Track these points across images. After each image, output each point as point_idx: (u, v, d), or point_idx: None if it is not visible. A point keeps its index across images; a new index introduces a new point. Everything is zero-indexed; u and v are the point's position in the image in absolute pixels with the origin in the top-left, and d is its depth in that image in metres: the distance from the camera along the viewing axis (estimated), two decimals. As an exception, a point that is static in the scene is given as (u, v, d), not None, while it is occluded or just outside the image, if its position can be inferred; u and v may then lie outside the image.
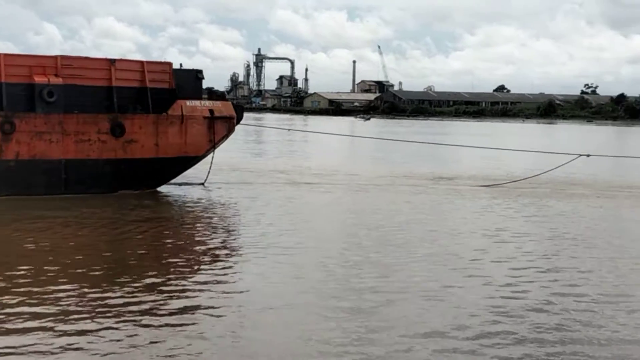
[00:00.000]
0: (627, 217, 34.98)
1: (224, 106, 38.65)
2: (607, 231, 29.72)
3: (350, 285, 19.15)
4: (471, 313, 16.92)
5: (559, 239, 27.09)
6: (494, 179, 47.12)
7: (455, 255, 23.38)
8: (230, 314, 16.52)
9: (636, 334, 16.06)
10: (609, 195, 41.61)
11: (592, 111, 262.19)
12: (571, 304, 18.10)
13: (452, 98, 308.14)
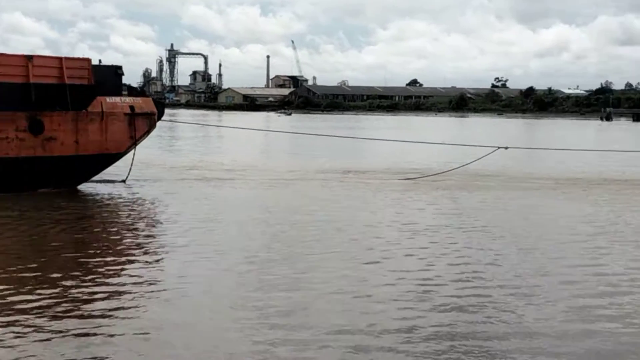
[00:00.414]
0: (537, 209, 36.00)
1: (144, 102, 38.35)
2: (516, 223, 30.38)
3: (265, 281, 19.19)
4: (383, 309, 16.99)
5: (470, 231, 27.58)
6: (410, 172, 47.80)
7: (368, 249, 23.62)
8: (149, 311, 16.48)
9: (542, 325, 16.36)
10: (522, 187, 42.76)
11: (503, 104, 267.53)
12: (481, 296, 18.34)
13: (366, 92, 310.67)
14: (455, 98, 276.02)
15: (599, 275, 21.20)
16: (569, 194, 40.79)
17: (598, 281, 20.65)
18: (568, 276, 21.05)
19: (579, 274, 21.39)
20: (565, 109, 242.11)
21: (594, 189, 42.83)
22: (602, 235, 28.03)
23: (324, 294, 18.17)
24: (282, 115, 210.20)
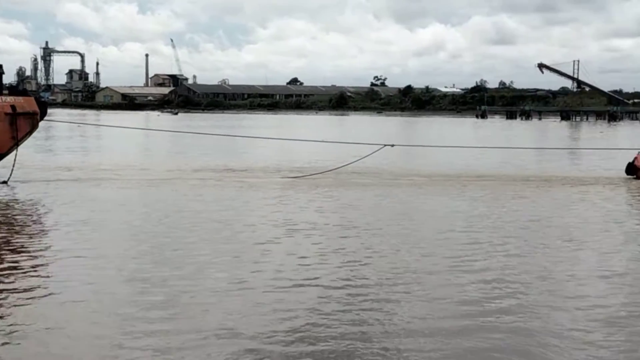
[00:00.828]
0: (416, 205, 36.70)
1: (26, 102, 37.15)
2: (395, 220, 30.77)
3: (146, 283, 18.92)
4: (263, 311, 16.88)
5: (350, 229, 27.80)
6: (293, 171, 47.96)
7: (247, 248, 23.54)
8: (34, 315, 15.93)
9: (413, 324, 16.48)
10: (403, 184, 43.57)
11: (382, 102, 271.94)
12: (360, 295, 18.44)
13: (246, 91, 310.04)
14: (336, 96, 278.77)
15: (477, 272, 21.63)
16: (447, 190, 41.80)
17: (475, 276, 21.07)
18: (445, 273, 21.40)
19: (455, 270, 21.79)
20: (442, 107, 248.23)
21: (470, 185, 44.08)
22: (477, 230, 28.73)
23: (201, 292, 18.00)
24: (162, 115, 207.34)
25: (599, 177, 50.22)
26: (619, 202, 39.79)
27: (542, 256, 24.51)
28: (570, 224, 32.04)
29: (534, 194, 41.58)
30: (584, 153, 70.97)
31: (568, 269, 22.89)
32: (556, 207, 36.42)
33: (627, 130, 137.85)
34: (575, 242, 27.30)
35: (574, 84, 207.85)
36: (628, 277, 21.85)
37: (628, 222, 33.12)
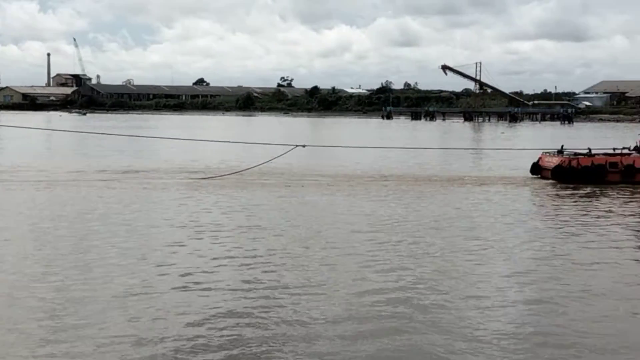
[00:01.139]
0: (321, 205, 36.95)
1: None
2: (300, 219, 31.14)
3: (45, 284, 18.70)
4: (167, 316, 16.72)
5: (255, 230, 27.88)
6: (202, 172, 47.60)
7: (151, 250, 23.43)
8: None
9: (325, 324, 16.69)
10: (309, 185, 43.77)
11: (289, 103, 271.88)
12: (268, 298, 18.52)
13: (152, 91, 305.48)
14: (242, 97, 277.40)
15: (380, 272, 21.97)
16: (353, 190, 42.20)
17: (378, 275, 21.48)
18: (352, 272, 21.67)
19: (360, 269, 22.06)
20: (348, 108, 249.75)
21: (376, 185, 44.62)
22: (381, 230, 29.23)
23: (103, 296, 17.79)
24: (67, 115, 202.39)
25: (504, 176, 51.46)
26: (524, 201, 40.84)
27: (446, 255, 25.01)
28: (475, 222, 32.71)
29: (438, 193, 42.30)
30: (489, 153, 72.50)
31: (472, 267, 23.37)
32: (460, 207, 37.11)
33: (528, 130, 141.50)
34: (480, 240, 27.87)
35: (477, 85, 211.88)
36: (530, 276, 22.45)
37: (532, 220, 34.01)
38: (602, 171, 48.41)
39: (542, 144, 74.45)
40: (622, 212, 36.99)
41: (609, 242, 28.57)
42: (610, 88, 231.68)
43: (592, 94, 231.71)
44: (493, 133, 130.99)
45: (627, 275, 22.94)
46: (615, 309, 19.13)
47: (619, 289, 21.27)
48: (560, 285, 21.33)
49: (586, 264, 24.49)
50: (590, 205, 39.35)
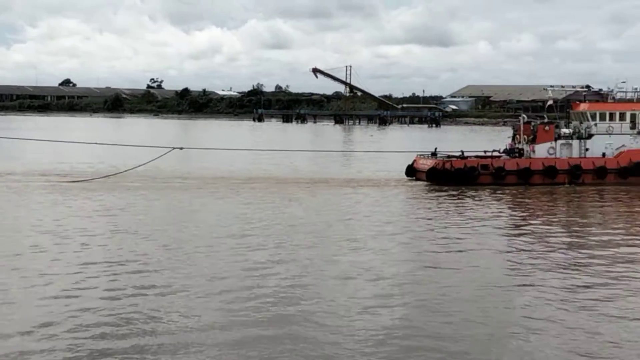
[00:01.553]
0: (191, 207, 36.49)
1: None
2: (168, 222, 31.04)
3: None
4: (26, 327, 16.12)
5: (122, 233, 27.58)
6: (69, 174, 46.20)
7: (11, 257, 22.70)
8: None
9: (193, 325, 16.73)
10: (180, 187, 43.39)
11: (159, 105, 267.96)
12: (135, 296, 18.57)
13: (15, 92, 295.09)
14: (111, 98, 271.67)
15: (247, 270, 22.36)
16: (223, 192, 41.87)
17: (246, 275, 21.69)
18: (219, 272, 21.83)
19: (230, 269, 22.33)
20: (219, 110, 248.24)
21: (246, 187, 44.48)
22: (252, 232, 29.36)
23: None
24: None
25: (379, 179, 52.21)
26: (398, 202, 41.44)
27: (315, 256, 25.28)
28: (348, 224, 33.03)
29: (312, 195, 42.38)
30: (362, 156, 73.34)
31: (342, 268, 23.73)
32: (336, 208, 37.30)
33: (397, 133, 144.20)
34: (351, 241, 28.39)
35: (347, 88, 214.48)
36: (397, 276, 23.02)
37: (405, 221, 34.60)
38: (475, 173, 49.78)
39: (411, 146, 76.35)
40: (492, 213, 38.18)
41: (479, 241, 29.62)
42: (475, 92, 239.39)
43: (458, 98, 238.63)
44: (364, 136, 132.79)
45: (485, 274, 24.03)
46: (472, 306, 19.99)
47: (478, 286, 22.19)
48: (428, 284, 22.08)
49: (456, 262, 25.43)
50: (462, 205, 40.44)
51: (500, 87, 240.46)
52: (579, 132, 53.34)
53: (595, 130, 52.91)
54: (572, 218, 37.64)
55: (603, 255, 27.27)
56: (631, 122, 53.36)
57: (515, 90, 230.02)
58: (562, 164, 51.06)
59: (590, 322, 18.71)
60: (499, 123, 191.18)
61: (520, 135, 53.48)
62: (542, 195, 46.02)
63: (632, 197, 45.71)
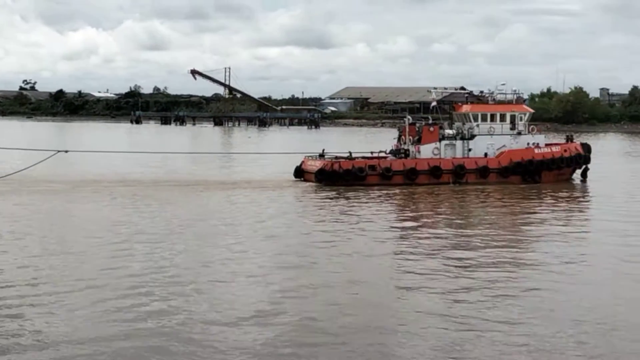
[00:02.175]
0: (62, 211, 35.56)
1: None
2: (38, 227, 30.45)
3: None
4: None
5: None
6: None
7: None
8: None
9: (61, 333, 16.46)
10: (54, 191, 42.29)
11: (32, 107, 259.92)
12: None
13: None
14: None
15: (125, 277, 22.05)
16: (98, 196, 41.07)
17: (123, 282, 21.42)
18: (93, 280, 21.41)
19: (103, 277, 21.96)
20: (96, 112, 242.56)
21: (122, 190, 43.91)
22: (126, 237, 28.91)
23: None
24: None
25: (267, 180, 52.07)
26: (286, 204, 41.28)
27: (188, 259, 25.18)
28: (233, 227, 32.85)
29: (188, 198, 41.96)
30: (245, 158, 72.80)
31: (217, 269, 23.88)
32: (220, 212, 37.03)
33: (277, 135, 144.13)
34: (229, 244, 28.27)
35: (226, 90, 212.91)
36: (270, 277, 23.19)
37: (289, 223, 34.49)
38: (362, 174, 50.22)
39: (292, 148, 76.51)
40: (379, 213, 38.67)
41: (365, 242, 30.13)
42: (353, 94, 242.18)
43: (337, 100, 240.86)
44: (243, 137, 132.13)
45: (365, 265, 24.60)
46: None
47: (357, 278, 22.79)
48: (309, 289, 22.15)
49: (341, 257, 26.17)
50: (351, 206, 40.77)
51: (378, 88, 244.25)
52: (462, 133, 54.60)
53: (478, 131, 54.30)
54: (456, 216, 38.59)
55: (485, 255, 27.77)
56: (511, 123, 55.10)
57: (393, 92, 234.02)
58: (446, 164, 52.13)
59: (471, 324, 18.92)
60: (377, 124, 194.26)
61: (405, 136, 54.28)
62: (427, 194, 46.95)
63: (512, 195, 47.09)
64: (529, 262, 26.70)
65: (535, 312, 20.02)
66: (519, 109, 56.23)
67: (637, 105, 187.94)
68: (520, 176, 53.21)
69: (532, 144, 54.64)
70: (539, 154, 53.97)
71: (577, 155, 55.69)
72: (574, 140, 59.30)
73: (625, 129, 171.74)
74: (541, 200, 45.33)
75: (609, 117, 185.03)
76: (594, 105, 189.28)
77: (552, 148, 55.47)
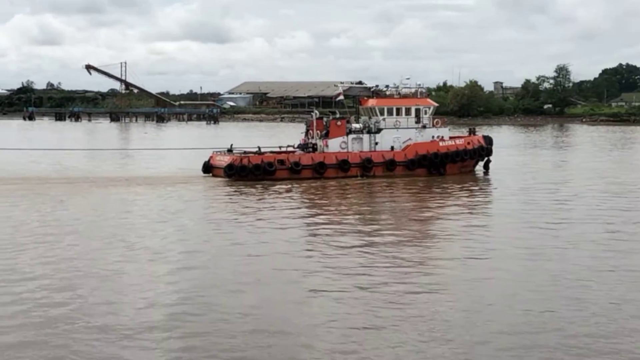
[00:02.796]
0: None
1: None
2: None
3: None
4: None
5: None
6: None
7: None
8: None
9: None
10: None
11: None
12: None
13: None
14: None
15: (6, 283, 21.49)
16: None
17: (3, 289, 20.88)
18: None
19: None
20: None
21: (12, 188, 43.09)
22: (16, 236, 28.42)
23: None
24: None
25: (176, 176, 51.49)
26: (190, 200, 40.87)
27: (93, 257, 24.96)
28: (131, 223, 32.49)
29: (85, 196, 41.21)
30: (143, 154, 71.56)
31: (118, 268, 23.70)
32: (124, 209, 36.50)
33: (176, 131, 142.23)
34: (129, 242, 28.04)
35: (122, 85, 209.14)
36: (169, 278, 22.87)
37: (194, 219, 34.20)
38: (272, 168, 50.08)
39: (194, 143, 76.20)
40: (289, 207, 38.94)
41: (275, 231, 30.88)
42: (252, 89, 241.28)
43: (236, 95, 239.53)
44: (141, 133, 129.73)
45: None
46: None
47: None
48: (214, 275, 22.94)
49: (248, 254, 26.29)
50: (261, 201, 40.78)
51: (277, 83, 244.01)
52: (368, 126, 55.07)
53: (384, 124, 54.87)
54: (364, 210, 38.84)
55: (390, 250, 27.83)
56: (416, 117, 55.92)
57: (292, 87, 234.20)
58: (354, 158, 52.51)
59: (373, 323, 18.86)
60: (276, 119, 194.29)
61: (313, 131, 54.38)
62: (336, 188, 47.22)
63: (418, 187, 47.84)
64: (433, 257, 26.86)
65: (437, 307, 20.13)
66: (423, 103, 57.14)
67: (529, 99, 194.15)
68: (426, 169, 54.11)
69: (437, 137, 55.64)
70: (443, 147, 54.93)
71: (480, 148, 56.98)
72: (476, 133, 60.63)
73: (519, 121, 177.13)
74: (446, 192, 46.01)
75: (503, 110, 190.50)
76: (488, 99, 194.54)
77: (456, 141, 56.58)
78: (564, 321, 18.85)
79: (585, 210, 37.13)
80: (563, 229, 32.32)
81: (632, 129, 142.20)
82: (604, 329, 18.37)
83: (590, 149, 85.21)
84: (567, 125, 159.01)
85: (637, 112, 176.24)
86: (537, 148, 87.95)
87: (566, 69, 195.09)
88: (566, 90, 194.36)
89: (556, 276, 23.51)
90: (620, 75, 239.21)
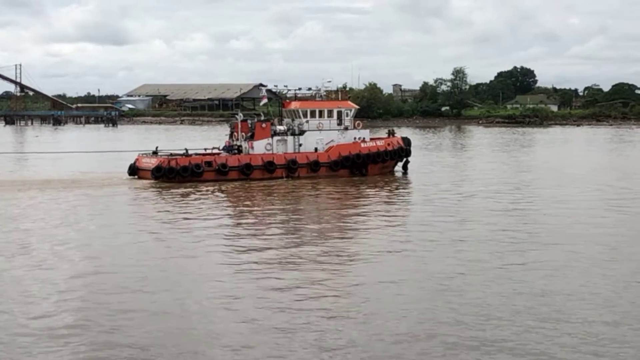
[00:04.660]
0: None
1: None
2: None
3: None
4: None
5: None
6: None
7: None
8: None
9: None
10: None
11: None
12: None
13: None
14: None
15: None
16: None
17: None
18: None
19: None
20: None
21: None
22: None
23: None
24: None
25: (102, 179, 51.05)
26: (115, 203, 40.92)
27: None
28: (42, 227, 32.71)
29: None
30: (41, 157, 70.17)
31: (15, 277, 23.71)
32: (45, 214, 36.26)
33: (73, 133, 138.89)
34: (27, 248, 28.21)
35: (17, 88, 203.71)
36: (73, 283, 23.08)
37: (120, 224, 34.29)
38: (200, 170, 50.35)
39: (93, 147, 75.00)
40: (216, 208, 39.66)
41: (197, 231, 31.59)
42: (152, 91, 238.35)
43: (135, 97, 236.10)
44: (34, 137, 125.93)
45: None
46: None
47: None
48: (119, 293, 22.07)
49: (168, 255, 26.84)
50: (188, 203, 41.05)
51: (176, 85, 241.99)
52: (292, 128, 55.90)
53: (307, 126, 55.81)
54: (289, 211, 39.52)
55: (311, 249, 28.47)
56: (338, 119, 57.05)
57: (192, 89, 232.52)
58: (279, 159, 53.30)
59: (292, 326, 19.10)
60: (176, 121, 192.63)
61: (238, 133, 54.85)
62: (262, 188, 47.85)
63: (341, 188, 48.88)
64: (353, 255, 27.45)
65: (358, 307, 20.64)
66: (345, 105, 58.40)
67: (427, 101, 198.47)
68: (349, 169, 55.39)
69: (359, 138, 56.93)
70: (365, 148, 56.27)
71: (400, 149, 58.61)
72: (395, 134, 62.15)
73: (417, 123, 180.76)
74: (367, 192, 47.14)
75: (401, 112, 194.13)
76: (387, 101, 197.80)
77: (376, 142, 58.02)
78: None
79: (483, 211, 38.41)
80: (461, 227, 33.43)
81: (525, 130, 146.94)
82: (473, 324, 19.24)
83: (486, 151, 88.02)
84: (464, 127, 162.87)
85: (531, 113, 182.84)
86: (440, 149, 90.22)
87: (463, 71, 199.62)
88: (463, 92, 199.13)
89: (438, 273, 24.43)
90: (515, 78, 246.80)
